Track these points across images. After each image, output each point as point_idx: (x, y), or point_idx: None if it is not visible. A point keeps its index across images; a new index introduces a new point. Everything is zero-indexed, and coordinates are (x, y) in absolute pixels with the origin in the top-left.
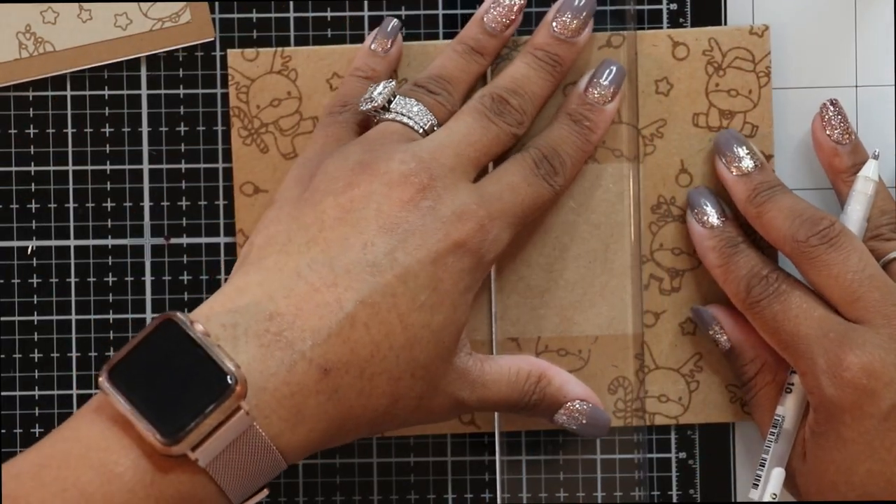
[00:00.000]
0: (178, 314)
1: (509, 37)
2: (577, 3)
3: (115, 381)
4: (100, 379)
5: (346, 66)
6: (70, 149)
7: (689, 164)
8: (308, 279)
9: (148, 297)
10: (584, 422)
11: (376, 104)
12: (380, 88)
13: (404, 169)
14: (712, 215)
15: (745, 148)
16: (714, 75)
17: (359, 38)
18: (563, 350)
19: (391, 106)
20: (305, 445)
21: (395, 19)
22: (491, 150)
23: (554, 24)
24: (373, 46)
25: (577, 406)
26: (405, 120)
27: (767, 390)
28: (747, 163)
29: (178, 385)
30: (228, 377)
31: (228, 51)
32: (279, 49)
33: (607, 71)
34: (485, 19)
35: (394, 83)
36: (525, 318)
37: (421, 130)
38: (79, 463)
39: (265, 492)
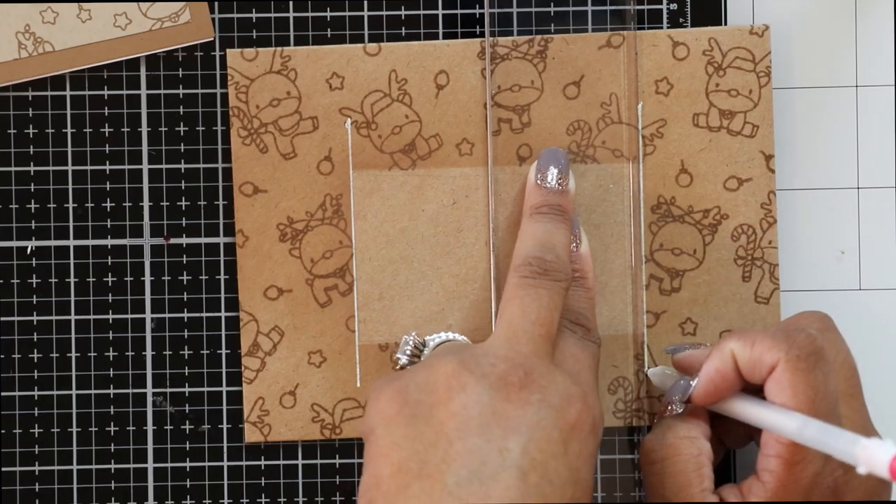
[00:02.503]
0: None
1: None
2: (559, 160)
3: None
4: None
5: (346, 66)
6: (69, 149)
7: (690, 164)
8: (460, 497)
9: (147, 297)
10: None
11: (404, 363)
12: (403, 349)
13: (498, 370)
14: (552, 177)
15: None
16: (714, 75)
17: (358, 38)
18: None
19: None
20: None
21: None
22: (554, 318)
23: (549, 180)
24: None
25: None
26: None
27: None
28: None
29: None
30: None
31: (228, 50)
32: (279, 49)
33: (577, 234)
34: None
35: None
36: None
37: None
38: None
39: None
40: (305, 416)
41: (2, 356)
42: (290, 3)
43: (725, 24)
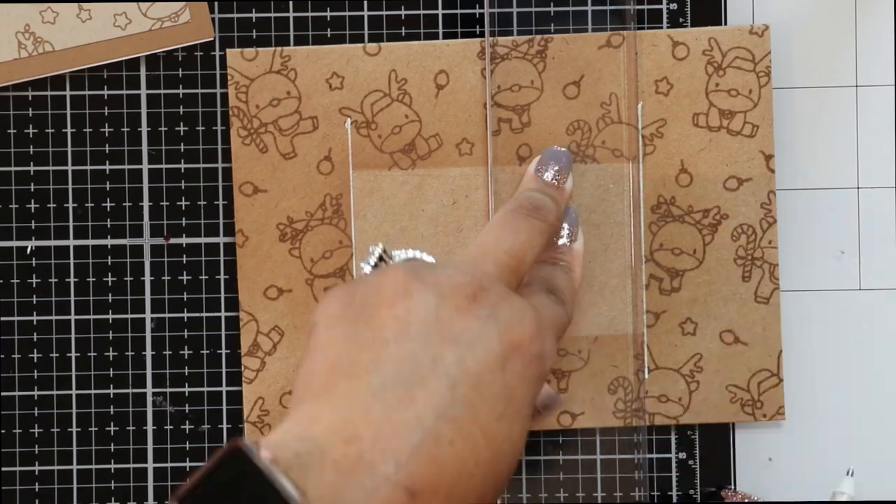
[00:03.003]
0: (246, 442)
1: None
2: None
3: None
4: None
5: (346, 66)
6: (69, 149)
7: (689, 164)
8: (384, 399)
9: (147, 296)
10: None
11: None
12: (367, 259)
13: (454, 281)
14: (550, 173)
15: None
16: (714, 75)
17: (358, 38)
18: (562, 350)
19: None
20: None
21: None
22: (527, 257)
23: (547, 174)
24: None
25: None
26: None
27: None
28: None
29: None
30: None
31: (228, 50)
32: (278, 49)
33: (574, 231)
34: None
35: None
36: None
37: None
38: None
39: None
40: None
41: (2, 356)
42: (290, 3)
43: (725, 24)
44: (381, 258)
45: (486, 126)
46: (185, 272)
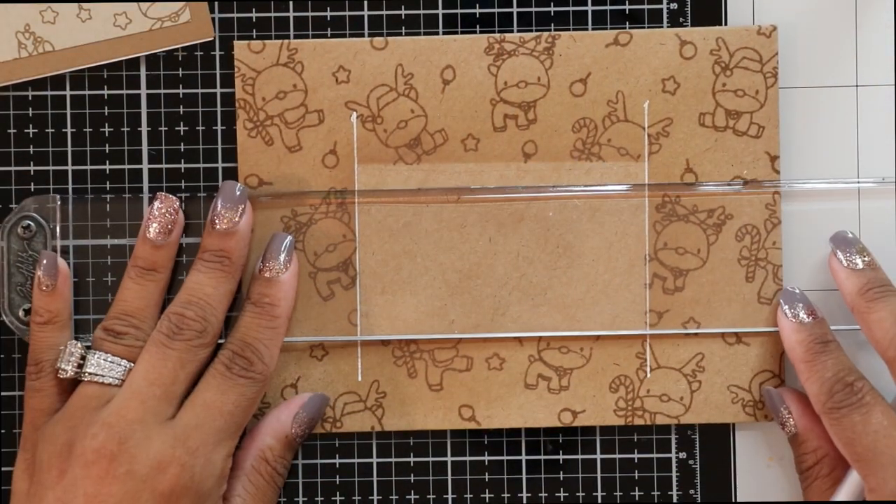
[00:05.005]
0: None
1: (177, 239)
2: (234, 195)
3: None
4: None
5: (352, 60)
6: (70, 149)
7: (695, 164)
8: None
9: None
10: (311, 419)
11: (69, 375)
12: (65, 356)
13: (95, 444)
14: (802, 312)
15: (857, 247)
16: (721, 75)
17: (358, 38)
18: (564, 347)
19: (83, 368)
20: None
21: (50, 252)
22: (178, 377)
23: (216, 222)
24: (42, 288)
25: (297, 420)
26: (99, 379)
27: (822, 483)
28: (858, 261)
29: None
30: None
31: (235, 42)
32: (285, 41)
33: (278, 246)
34: (148, 235)
35: (78, 345)
36: (527, 315)
37: (118, 383)
38: None
39: None
40: None
41: (2, 356)
42: (290, 2)
43: (726, 24)
44: (81, 357)
45: (492, 122)
46: (184, 272)
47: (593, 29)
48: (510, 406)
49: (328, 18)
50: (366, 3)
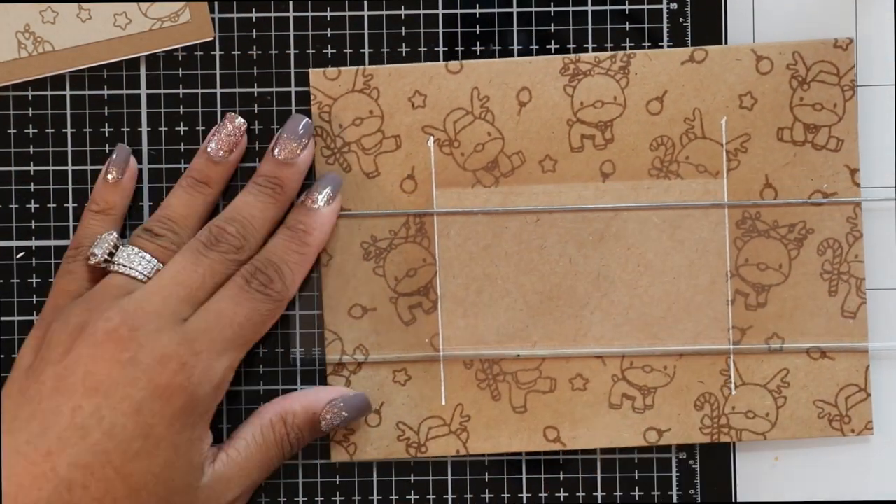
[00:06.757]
0: None
1: (236, 161)
2: (298, 129)
3: None
4: None
5: (428, 84)
6: (69, 148)
7: (774, 179)
8: (26, 454)
9: None
10: (345, 414)
11: (98, 260)
12: (100, 242)
13: (108, 326)
14: (279, 150)
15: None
16: (798, 89)
17: (358, 38)
18: (647, 367)
19: (114, 258)
20: None
21: (125, 146)
22: (206, 284)
23: (276, 150)
24: (108, 177)
25: (332, 405)
26: (127, 271)
27: None
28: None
29: None
30: None
31: (310, 70)
32: (360, 68)
33: (326, 181)
34: (209, 149)
35: (115, 235)
36: (609, 335)
37: (144, 279)
38: None
39: None
40: (391, 434)
41: (2, 356)
42: (290, 3)
43: (726, 25)
44: (111, 252)
45: (569, 142)
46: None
47: (593, 30)
48: (595, 426)
49: (328, 19)
50: (366, 3)
